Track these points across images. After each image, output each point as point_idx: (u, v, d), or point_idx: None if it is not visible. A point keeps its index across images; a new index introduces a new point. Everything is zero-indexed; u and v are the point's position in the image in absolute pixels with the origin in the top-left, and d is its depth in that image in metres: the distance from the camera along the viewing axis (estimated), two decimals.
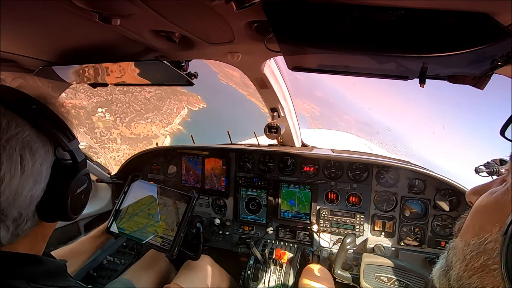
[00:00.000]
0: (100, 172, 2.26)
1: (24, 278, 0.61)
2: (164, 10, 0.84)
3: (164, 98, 71.38)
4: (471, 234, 0.53)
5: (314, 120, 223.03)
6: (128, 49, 1.23)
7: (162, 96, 70.93)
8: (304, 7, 0.72)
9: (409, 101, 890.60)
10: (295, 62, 1.11)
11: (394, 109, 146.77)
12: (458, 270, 0.52)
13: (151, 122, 63.30)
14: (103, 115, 52.02)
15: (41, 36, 1.06)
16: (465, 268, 0.51)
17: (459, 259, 0.53)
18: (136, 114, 60.24)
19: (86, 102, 51.68)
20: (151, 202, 1.67)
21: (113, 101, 57.26)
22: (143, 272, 1.80)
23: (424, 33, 0.71)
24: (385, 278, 1.49)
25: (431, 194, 1.87)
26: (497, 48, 0.70)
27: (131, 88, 62.15)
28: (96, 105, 52.53)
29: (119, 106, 57.51)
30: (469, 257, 0.51)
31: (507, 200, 0.47)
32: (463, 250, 0.52)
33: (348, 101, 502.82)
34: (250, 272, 1.85)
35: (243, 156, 2.25)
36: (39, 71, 1.29)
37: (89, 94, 52.44)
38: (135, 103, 61.41)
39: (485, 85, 0.94)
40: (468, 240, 0.52)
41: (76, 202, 0.71)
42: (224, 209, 2.31)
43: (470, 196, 0.60)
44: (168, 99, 72.16)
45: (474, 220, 0.55)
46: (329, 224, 2.06)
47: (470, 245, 0.51)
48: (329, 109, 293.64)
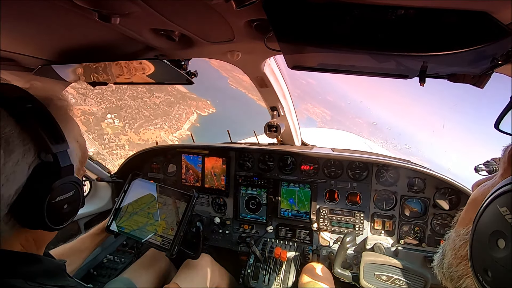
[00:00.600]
0: (100, 171, 2.26)
1: (22, 277, 0.61)
2: (164, 9, 0.84)
3: (173, 103, 70.65)
4: (462, 225, 0.57)
5: (325, 124, 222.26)
6: (128, 47, 1.22)
7: (172, 102, 70.25)
8: (304, 5, 0.72)
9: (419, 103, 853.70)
10: (295, 60, 1.11)
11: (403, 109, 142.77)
12: (449, 258, 0.56)
13: (160, 127, 62.76)
14: (112, 121, 51.57)
15: (40, 35, 1.06)
16: (454, 256, 0.54)
17: (451, 248, 0.56)
18: (145, 119, 59.76)
19: (96, 108, 51.05)
20: (151, 201, 1.67)
21: (123, 106, 56.73)
22: (143, 271, 1.80)
23: (424, 32, 0.71)
24: (385, 277, 1.50)
25: (430, 193, 1.88)
26: (497, 47, 0.70)
27: (141, 93, 61.79)
28: (105, 111, 51.89)
29: (128, 112, 57.04)
30: (458, 246, 0.54)
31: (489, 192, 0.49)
32: (454, 239, 0.56)
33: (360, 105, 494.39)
34: (250, 271, 1.85)
35: (243, 155, 2.25)
36: (39, 70, 1.28)
37: (99, 100, 52.12)
38: (145, 108, 60.89)
39: (485, 84, 0.94)
40: (459, 230, 0.56)
41: (56, 210, 0.65)
42: (224, 208, 2.31)
43: (474, 187, 0.63)
44: (177, 104, 71.39)
45: (466, 212, 0.58)
46: (329, 223, 2.07)
47: (460, 235, 0.55)
48: (340, 113, 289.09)
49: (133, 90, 61.36)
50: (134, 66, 1.25)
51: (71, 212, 0.71)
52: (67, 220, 0.71)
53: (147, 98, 64.04)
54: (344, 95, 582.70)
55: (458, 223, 0.59)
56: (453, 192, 1.82)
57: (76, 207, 0.72)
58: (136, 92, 62.91)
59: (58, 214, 0.67)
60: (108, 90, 57.34)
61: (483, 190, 0.57)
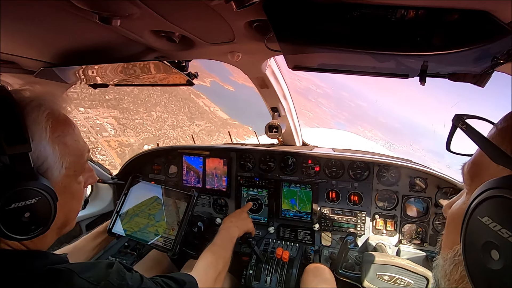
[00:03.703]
0: (102, 172, 2.27)
1: (30, 271, 0.62)
2: (164, 10, 0.84)
3: (213, 131, 69.74)
4: (447, 248, 0.55)
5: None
6: (128, 49, 1.23)
7: (211, 130, 69.41)
8: (304, 5, 0.72)
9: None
10: (296, 61, 1.11)
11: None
12: (444, 286, 0.54)
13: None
14: None
15: (41, 37, 1.06)
16: (448, 282, 0.52)
17: (442, 276, 0.54)
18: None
19: (134, 139, 50.35)
20: (152, 203, 1.67)
21: (161, 136, 56.29)
22: (145, 272, 1.78)
23: (424, 31, 0.71)
24: (387, 277, 1.49)
25: (432, 192, 1.87)
26: (497, 46, 0.70)
27: (180, 122, 61.26)
28: (143, 141, 50.95)
29: (166, 142, 56.20)
30: (449, 271, 0.52)
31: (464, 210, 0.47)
32: (443, 266, 0.54)
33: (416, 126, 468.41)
34: (252, 271, 1.85)
35: (244, 155, 2.25)
36: (40, 72, 1.29)
37: (138, 130, 51.87)
38: (183, 138, 60.35)
39: (486, 83, 0.94)
40: (445, 254, 0.54)
41: (11, 218, 0.59)
42: (226, 208, 2.31)
43: (446, 210, 0.63)
44: (217, 132, 70.17)
45: (447, 236, 0.57)
46: (330, 223, 2.06)
47: (448, 259, 0.53)
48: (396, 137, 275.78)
49: (174, 118, 61.23)
50: (135, 68, 1.26)
51: (35, 221, 0.63)
52: (32, 229, 0.63)
53: (187, 126, 63.89)
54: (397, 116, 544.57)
55: (442, 248, 0.58)
56: (455, 191, 1.81)
57: (43, 216, 0.64)
58: (177, 121, 62.97)
59: (16, 223, 0.60)
60: (149, 119, 57.53)
61: (457, 209, 0.56)
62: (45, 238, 0.71)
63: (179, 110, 68.80)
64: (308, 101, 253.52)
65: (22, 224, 0.61)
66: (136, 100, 63.05)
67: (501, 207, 0.38)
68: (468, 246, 0.43)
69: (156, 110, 63.75)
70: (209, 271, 1.19)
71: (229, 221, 1.62)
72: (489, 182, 0.41)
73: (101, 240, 1.54)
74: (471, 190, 0.52)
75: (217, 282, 1.20)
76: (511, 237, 0.36)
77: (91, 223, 2.21)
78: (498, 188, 0.39)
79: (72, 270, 0.64)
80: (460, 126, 0.54)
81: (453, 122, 0.56)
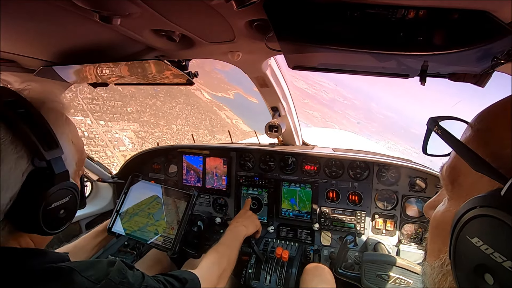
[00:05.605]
0: (101, 171, 2.27)
1: (30, 270, 0.62)
2: (165, 10, 0.84)
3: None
4: (433, 257, 0.52)
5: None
6: (129, 48, 1.23)
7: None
8: (304, 5, 0.72)
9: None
10: (296, 60, 1.11)
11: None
12: None
13: None
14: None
15: (41, 36, 1.06)
16: None
17: (430, 283, 0.52)
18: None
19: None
20: (151, 202, 1.67)
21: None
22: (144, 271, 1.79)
23: (424, 31, 0.71)
24: (386, 277, 1.49)
25: (432, 192, 1.87)
26: (498, 46, 0.70)
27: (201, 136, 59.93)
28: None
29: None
30: (437, 280, 0.50)
31: (448, 217, 0.46)
32: (431, 274, 0.52)
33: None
34: (251, 271, 1.85)
35: (244, 155, 2.25)
36: (40, 71, 1.29)
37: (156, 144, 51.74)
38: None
39: (486, 83, 0.94)
40: (432, 263, 0.52)
41: (51, 216, 0.66)
42: (225, 208, 2.32)
43: (426, 211, 0.60)
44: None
45: (432, 243, 0.54)
46: (330, 223, 2.06)
47: (435, 268, 0.50)
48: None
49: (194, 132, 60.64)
50: (135, 67, 1.26)
51: (67, 217, 0.71)
52: (64, 224, 0.71)
53: (207, 141, 62.45)
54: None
55: (428, 254, 0.55)
56: None
57: (72, 211, 0.72)
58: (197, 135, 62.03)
59: (54, 220, 0.67)
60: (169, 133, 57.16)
61: (440, 216, 0.53)
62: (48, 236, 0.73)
63: (200, 123, 68.33)
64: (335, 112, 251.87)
65: (58, 220, 0.69)
66: (157, 112, 62.61)
67: (491, 228, 0.36)
68: (459, 266, 0.41)
69: (177, 123, 63.33)
70: (212, 269, 1.18)
71: (235, 221, 1.63)
72: (476, 199, 0.39)
73: (101, 239, 1.54)
74: (453, 197, 0.50)
75: (220, 280, 1.19)
76: (505, 262, 0.34)
77: (91, 222, 2.21)
78: (486, 206, 0.37)
79: (73, 268, 0.65)
80: (435, 130, 0.51)
81: (428, 125, 0.54)
